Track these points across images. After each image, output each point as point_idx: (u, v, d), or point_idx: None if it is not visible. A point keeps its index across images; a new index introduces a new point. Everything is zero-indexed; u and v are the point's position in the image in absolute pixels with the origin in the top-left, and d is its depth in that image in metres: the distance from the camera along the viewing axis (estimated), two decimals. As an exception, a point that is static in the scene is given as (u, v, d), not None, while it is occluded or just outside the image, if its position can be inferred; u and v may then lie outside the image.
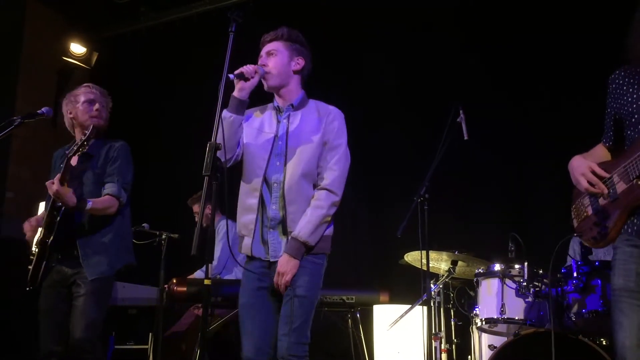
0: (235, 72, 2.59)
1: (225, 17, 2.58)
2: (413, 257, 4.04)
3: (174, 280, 4.27)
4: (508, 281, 3.40)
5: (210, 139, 2.36)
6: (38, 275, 3.17)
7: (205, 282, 2.32)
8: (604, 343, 3.11)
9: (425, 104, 5.06)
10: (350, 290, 4.33)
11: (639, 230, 2.15)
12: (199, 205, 2.60)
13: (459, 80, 4.93)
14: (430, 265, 3.42)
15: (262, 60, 2.75)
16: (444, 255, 3.88)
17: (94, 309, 3.10)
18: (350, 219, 5.31)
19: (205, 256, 2.33)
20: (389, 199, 5.20)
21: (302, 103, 2.78)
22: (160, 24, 6.39)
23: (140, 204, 3.49)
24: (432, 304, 3.81)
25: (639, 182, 2.11)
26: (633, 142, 2.20)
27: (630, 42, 2.28)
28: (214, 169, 2.32)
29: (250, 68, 2.64)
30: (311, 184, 2.66)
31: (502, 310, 3.36)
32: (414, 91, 5.23)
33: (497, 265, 3.48)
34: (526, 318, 3.31)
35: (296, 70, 2.78)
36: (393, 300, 4.39)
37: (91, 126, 3.16)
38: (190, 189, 5.09)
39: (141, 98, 6.26)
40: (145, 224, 4.36)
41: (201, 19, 6.16)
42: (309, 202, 2.62)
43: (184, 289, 4.23)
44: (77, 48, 6.45)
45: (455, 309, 4.09)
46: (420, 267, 3.53)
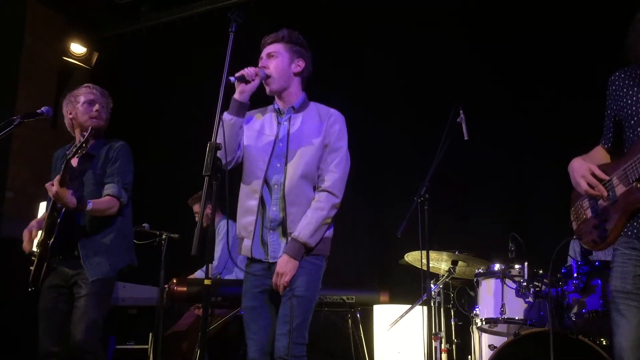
0: (236, 75, 2.58)
1: (226, 17, 2.58)
2: (413, 257, 4.04)
3: (174, 280, 4.26)
4: (508, 281, 3.40)
5: (210, 139, 2.36)
6: (39, 276, 3.17)
7: (206, 282, 2.32)
8: (604, 343, 3.11)
9: (426, 104, 5.06)
10: (350, 290, 4.32)
11: (639, 233, 2.15)
12: (200, 205, 2.60)
13: (459, 80, 4.93)
14: (431, 265, 3.42)
15: (263, 62, 2.74)
16: (444, 255, 3.88)
17: (95, 310, 3.09)
18: (350, 219, 5.31)
19: (206, 256, 2.33)
20: (389, 199, 5.21)
21: (303, 105, 2.78)
22: (160, 24, 6.39)
23: (140, 204, 3.49)
24: (432, 304, 3.81)
25: (638, 185, 2.11)
26: (633, 145, 2.19)
27: (630, 43, 2.28)
28: (214, 169, 2.32)
29: (251, 71, 2.63)
30: (311, 186, 2.66)
31: (502, 310, 3.36)
32: (414, 91, 5.23)
33: (497, 265, 3.49)
34: (526, 318, 3.32)
35: (297, 73, 2.77)
36: (393, 300, 4.39)
37: (89, 127, 3.15)
38: (190, 189, 5.09)
39: (141, 98, 6.26)
40: (145, 224, 4.36)
41: (201, 19, 6.16)
42: (310, 204, 2.62)
43: (184, 288, 4.23)
44: (78, 48, 6.45)
45: (455, 309, 4.09)
46: (420, 267, 3.53)
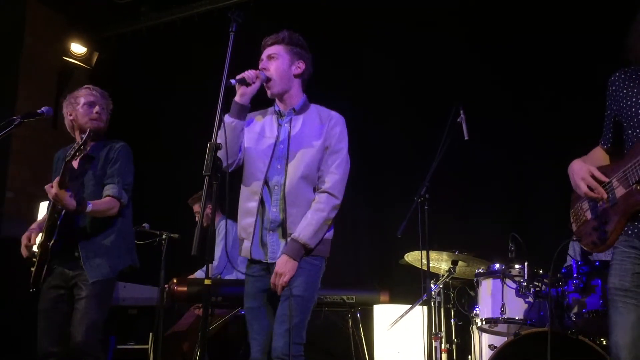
0: (236, 78, 2.58)
1: (226, 17, 2.58)
2: (413, 257, 4.04)
3: (175, 280, 4.26)
4: (508, 281, 3.40)
5: (211, 139, 2.35)
6: (40, 277, 3.17)
7: (206, 282, 2.32)
8: (604, 343, 3.11)
9: (426, 104, 5.06)
10: (350, 290, 4.32)
11: (639, 232, 2.15)
12: (200, 205, 2.60)
13: (459, 80, 4.93)
14: (431, 265, 3.42)
15: (263, 64, 2.74)
16: (444, 255, 3.89)
17: (95, 311, 3.09)
18: (350, 219, 5.31)
19: (206, 256, 2.33)
20: (389, 199, 5.21)
21: (304, 107, 2.78)
22: (160, 23, 6.38)
23: (140, 204, 3.49)
24: (433, 304, 3.82)
25: (638, 187, 2.11)
26: (633, 147, 2.19)
27: (630, 43, 2.28)
28: (214, 169, 2.31)
29: (251, 73, 2.63)
30: (312, 187, 2.66)
31: (502, 310, 3.36)
32: (414, 91, 5.23)
33: (497, 265, 3.49)
34: (526, 318, 3.31)
35: (297, 74, 2.77)
36: (393, 300, 4.39)
37: (88, 130, 3.15)
38: (190, 189, 5.09)
39: (141, 98, 6.26)
40: (145, 224, 4.36)
41: (202, 19, 6.15)
42: (310, 205, 2.62)
43: (184, 288, 4.23)
44: (78, 48, 6.44)
45: (455, 309, 4.09)
46: (420, 267, 3.53)
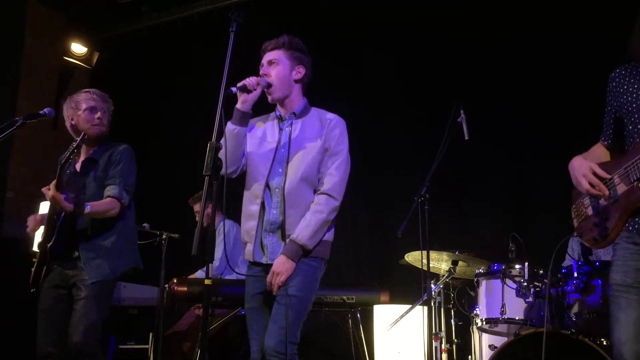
0: (238, 85, 2.59)
1: (226, 17, 2.58)
2: (413, 257, 4.04)
3: (175, 280, 4.26)
4: (508, 281, 3.40)
5: (211, 139, 2.36)
6: (40, 277, 3.17)
7: (206, 282, 2.32)
8: (604, 343, 3.11)
9: (426, 104, 5.06)
10: (350, 290, 4.32)
11: None
12: (200, 205, 2.60)
13: (459, 80, 4.93)
14: (431, 265, 3.42)
15: (264, 70, 2.75)
16: (445, 255, 3.89)
17: (94, 312, 3.08)
18: (350, 219, 5.31)
19: (206, 256, 2.34)
20: (389, 199, 5.21)
21: (304, 111, 2.80)
22: (161, 23, 6.38)
23: (141, 204, 3.48)
24: (433, 304, 3.81)
25: (639, 185, 2.11)
26: (634, 143, 2.19)
27: (631, 42, 2.27)
28: (214, 169, 2.32)
29: (252, 80, 2.63)
30: (311, 189, 2.67)
31: (503, 311, 3.36)
32: (414, 91, 5.23)
33: (498, 265, 3.49)
34: (526, 318, 3.31)
35: (297, 80, 2.78)
36: (393, 300, 4.39)
37: (82, 133, 3.16)
38: (190, 189, 5.09)
39: (141, 98, 6.26)
40: (145, 224, 4.36)
41: (202, 19, 6.16)
42: (309, 207, 2.62)
43: (184, 288, 4.23)
44: (78, 48, 6.44)
45: (455, 309, 4.09)
46: (420, 267, 3.53)
